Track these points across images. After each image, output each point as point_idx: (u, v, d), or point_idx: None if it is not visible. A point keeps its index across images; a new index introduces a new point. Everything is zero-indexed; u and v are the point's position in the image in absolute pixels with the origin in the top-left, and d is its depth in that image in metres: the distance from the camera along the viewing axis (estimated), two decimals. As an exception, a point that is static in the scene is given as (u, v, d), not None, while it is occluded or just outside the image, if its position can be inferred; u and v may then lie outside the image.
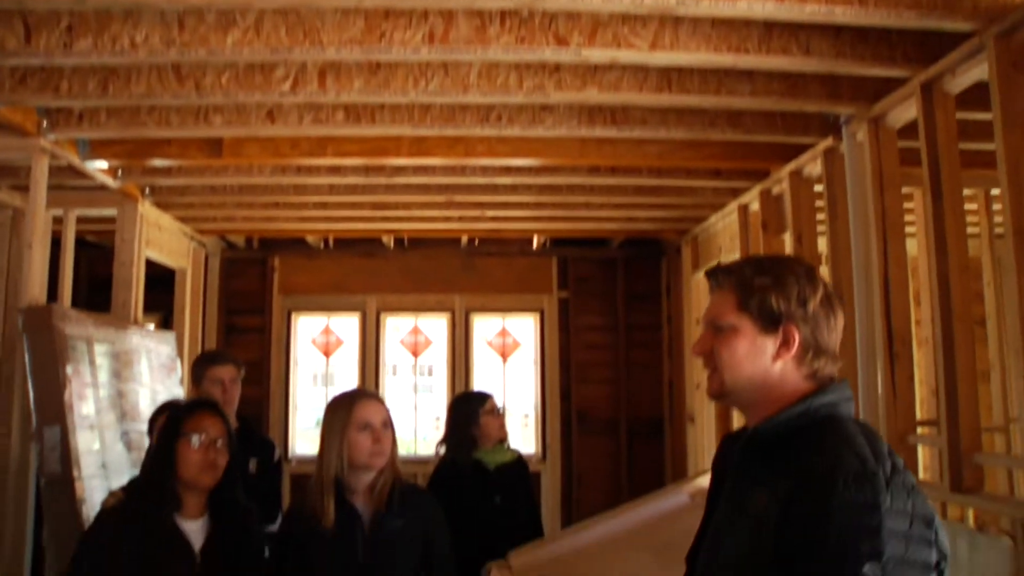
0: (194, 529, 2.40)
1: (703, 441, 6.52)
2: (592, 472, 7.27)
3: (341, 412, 2.54)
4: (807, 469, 1.34)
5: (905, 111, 3.46)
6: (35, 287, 4.03)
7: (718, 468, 1.62)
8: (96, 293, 5.92)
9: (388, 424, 2.57)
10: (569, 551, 2.68)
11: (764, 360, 1.47)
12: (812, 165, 4.35)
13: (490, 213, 5.86)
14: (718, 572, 1.44)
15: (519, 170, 4.82)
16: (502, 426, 3.83)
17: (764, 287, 1.47)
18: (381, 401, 2.63)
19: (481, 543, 3.20)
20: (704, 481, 2.88)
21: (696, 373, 6.61)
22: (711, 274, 1.59)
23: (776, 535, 1.31)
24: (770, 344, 1.47)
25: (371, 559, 2.47)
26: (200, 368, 3.75)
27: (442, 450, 3.84)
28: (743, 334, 1.48)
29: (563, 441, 7.26)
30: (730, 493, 1.50)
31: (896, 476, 1.31)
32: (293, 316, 7.36)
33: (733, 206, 5.52)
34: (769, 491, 1.36)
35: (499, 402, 3.91)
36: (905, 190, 3.77)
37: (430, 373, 7.76)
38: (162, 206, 5.58)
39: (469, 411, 3.80)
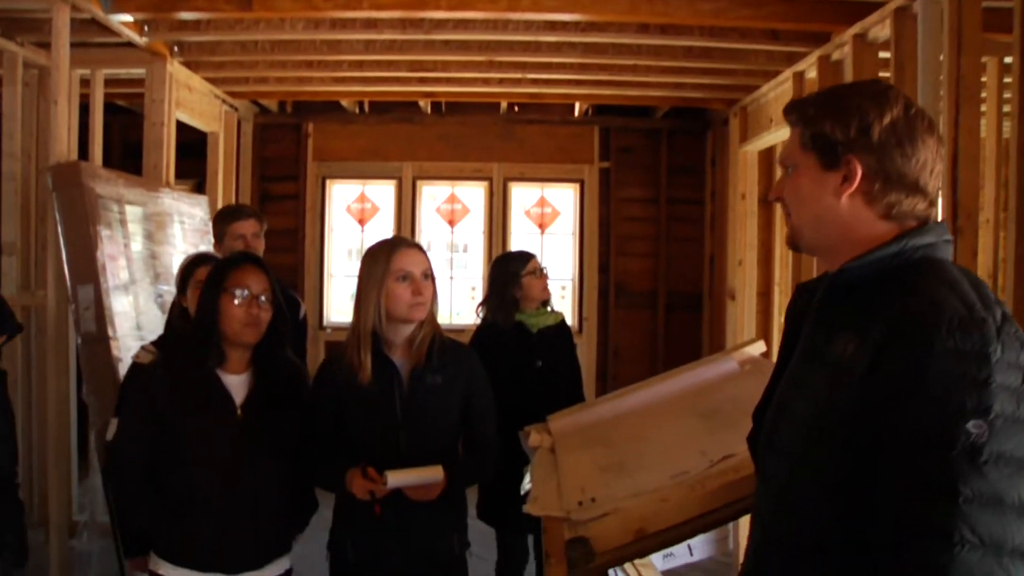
0: (236, 383, 2.37)
1: (743, 319, 6.40)
2: (628, 347, 7.24)
3: (379, 261, 2.39)
4: (904, 313, 1.18)
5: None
6: (62, 144, 3.92)
7: (792, 318, 1.48)
8: (129, 159, 5.85)
9: (429, 274, 2.43)
10: (611, 415, 2.58)
11: (827, 198, 1.33)
12: (879, 27, 4.03)
13: (532, 76, 5.61)
14: (790, 427, 1.31)
15: (564, 26, 4.54)
16: (545, 288, 3.71)
17: (819, 116, 1.33)
18: (422, 250, 2.48)
19: (521, 407, 3.13)
20: (754, 349, 2.78)
21: (738, 249, 6.45)
22: (785, 112, 1.43)
23: (863, 387, 1.18)
24: (832, 179, 1.32)
25: (409, 416, 2.39)
26: (221, 224, 3.64)
27: (482, 312, 3.75)
28: (805, 172, 1.35)
29: (600, 314, 7.20)
30: (808, 342, 1.36)
31: (1007, 325, 1.15)
32: (328, 183, 7.25)
33: (788, 74, 5.21)
34: (856, 338, 1.22)
35: (542, 262, 3.76)
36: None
37: (465, 250, 7.67)
38: (192, 66, 5.39)
39: (511, 271, 3.67)
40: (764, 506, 1.37)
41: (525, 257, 3.73)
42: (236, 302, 2.32)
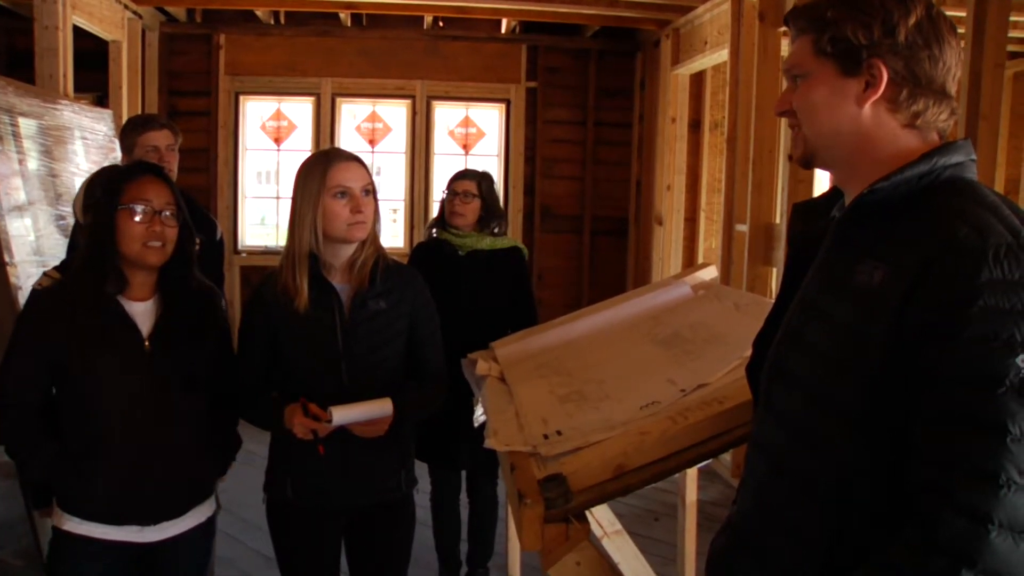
0: (141, 312, 2.09)
1: (670, 244, 6.38)
2: (553, 270, 7.16)
3: (314, 175, 2.17)
4: (944, 240, 1.07)
5: None
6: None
7: (797, 240, 1.37)
8: (17, 69, 5.34)
9: (369, 190, 2.21)
10: (560, 342, 2.46)
11: (848, 107, 1.21)
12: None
13: (459, -14, 5.32)
14: (805, 356, 1.20)
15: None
16: (454, 212, 3.41)
17: (839, 18, 1.20)
18: (361, 163, 2.25)
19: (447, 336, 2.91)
20: (706, 274, 2.68)
21: (667, 174, 6.38)
22: (788, 19, 1.30)
23: (898, 320, 1.07)
24: (853, 86, 1.20)
25: (351, 345, 2.21)
26: (131, 134, 3.24)
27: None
28: (820, 80, 1.23)
29: (525, 237, 7.06)
30: (826, 267, 1.24)
31: None
32: (241, 99, 6.83)
33: (726, -6, 5.07)
34: (883, 266, 1.12)
35: (477, 185, 3.43)
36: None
37: (379, 173, 7.38)
38: (89, -36, 4.94)
39: (446, 186, 3.50)
40: (772, 438, 1.26)
41: (458, 175, 3.51)
42: (136, 218, 2.03)
